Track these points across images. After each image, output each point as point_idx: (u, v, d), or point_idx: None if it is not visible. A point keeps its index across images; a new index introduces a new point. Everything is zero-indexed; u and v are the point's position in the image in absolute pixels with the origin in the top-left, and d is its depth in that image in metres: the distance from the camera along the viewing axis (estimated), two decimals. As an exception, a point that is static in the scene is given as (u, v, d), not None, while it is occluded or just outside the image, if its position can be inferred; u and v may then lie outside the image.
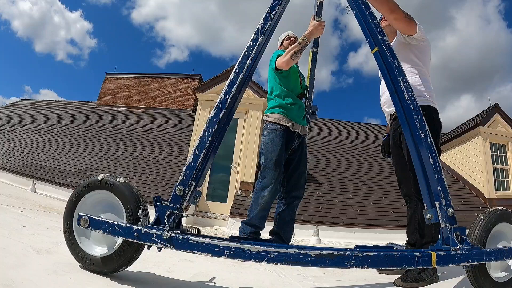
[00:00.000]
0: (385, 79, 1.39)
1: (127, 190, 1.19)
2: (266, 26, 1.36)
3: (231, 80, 1.29)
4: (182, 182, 1.19)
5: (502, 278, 1.34)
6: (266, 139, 2.33)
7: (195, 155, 1.22)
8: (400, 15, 1.71)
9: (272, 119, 2.35)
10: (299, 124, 2.40)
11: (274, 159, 2.24)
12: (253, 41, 1.33)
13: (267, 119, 2.40)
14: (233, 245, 1.05)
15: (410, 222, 1.93)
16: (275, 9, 1.38)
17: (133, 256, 1.17)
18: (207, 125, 1.25)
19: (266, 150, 2.29)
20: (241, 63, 1.31)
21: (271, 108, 2.41)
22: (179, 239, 1.07)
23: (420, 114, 1.31)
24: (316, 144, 10.09)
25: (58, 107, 14.33)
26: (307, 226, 5.41)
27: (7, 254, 1.19)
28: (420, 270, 1.55)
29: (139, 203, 1.18)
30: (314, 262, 1.05)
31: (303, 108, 2.48)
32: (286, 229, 2.33)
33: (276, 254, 1.04)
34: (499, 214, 1.37)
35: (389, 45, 1.37)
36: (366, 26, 1.40)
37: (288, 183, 2.39)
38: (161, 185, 6.45)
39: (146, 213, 1.17)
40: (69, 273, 1.12)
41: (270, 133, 2.32)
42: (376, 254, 1.10)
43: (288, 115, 2.34)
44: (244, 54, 1.32)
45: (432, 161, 1.25)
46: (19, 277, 0.97)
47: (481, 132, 8.29)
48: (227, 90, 1.28)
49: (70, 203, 1.24)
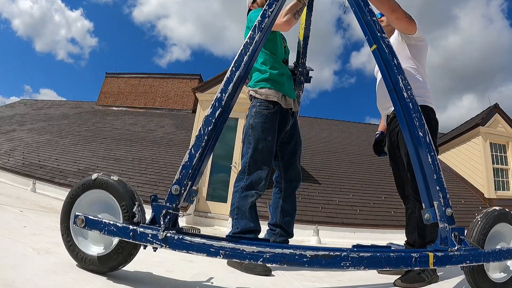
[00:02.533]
0: (384, 77, 1.38)
1: (121, 187, 1.19)
2: (263, 23, 1.33)
3: (228, 78, 1.27)
4: (178, 182, 1.19)
5: (501, 278, 1.33)
6: (256, 122, 1.90)
7: (191, 154, 1.21)
8: (401, 15, 1.71)
9: (261, 95, 1.94)
10: (291, 98, 2.05)
11: (266, 150, 1.88)
12: (250, 39, 1.31)
13: (255, 95, 1.98)
14: (228, 245, 1.05)
15: (408, 222, 1.94)
16: (272, 6, 1.36)
17: (132, 252, 1.17)
18: (203, 124, 1.24)
19: (256, 137, 1.87)
20: (237, 60, 1.29)
21: (259, 82, 1.98)
22: (174, 239, 1.07)
23: (419, 112, 1.30)
24: (316, 144, 10.09)
25: (58, 107, 14.33)
26: (307, 226, 5.41)
27: (7, 254, 1.20)
28: (420, 271, 1.55)
29: (134, 199, 1.18)
30: (309, 263, 1.04)
31: (291, 77, 2.13)
32: (290, 222, 2.09)
33: (272, 254, 1.03)
34: (497, 215, 1.36)
35: (388, 42, 1.36)
36: (365, 23, 1.38)
37: (286, 171, 2.09)
38: (161, 185, 6.45)
39: (141, 209, 1.17)
40: (69, 273, 1.12)
41: (260, 115, 1.91)
42: (373, 255, 1.09)
43: (280, 89, 1.96)
44: (241, 51, 1.30)
45: (430, 160, 1.25)
46: (19, 277, 0.97)
47: (481, 132, 8.29)
48: (223, 88, 1.26)
49: (66, 205, 1.24)
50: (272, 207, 2.14)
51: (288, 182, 2.11)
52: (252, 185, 1.87)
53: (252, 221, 1.86)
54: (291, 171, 2.11)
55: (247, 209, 1.86)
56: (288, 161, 2.11)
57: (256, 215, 1.92)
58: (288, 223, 2.10)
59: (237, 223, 1.87)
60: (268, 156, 1.91)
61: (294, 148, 2.13)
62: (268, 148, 1.90)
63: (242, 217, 1.87)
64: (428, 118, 1.70)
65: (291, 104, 2.04)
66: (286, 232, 2.08)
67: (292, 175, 2.11)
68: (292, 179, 2.12)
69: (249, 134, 1.93)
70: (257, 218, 1.92)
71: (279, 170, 2.13)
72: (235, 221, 1.89)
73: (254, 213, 1.89)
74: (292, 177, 2.11)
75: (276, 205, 2.10)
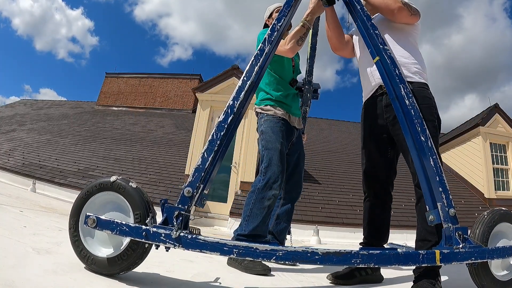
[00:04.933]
0: (386, 86, 1.44)
1: (138, 195, 1.20)
2: (272, 36, 1.43)
3: (239, 87, 1.35)
4: (191, 184, 1.21)
5: (504, 276, 1.36)
6: (265, 128, 1.99)
7: (203, 157, 1.25)
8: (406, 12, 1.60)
9: (268, 111, 2.06)
10: (296, 117, 2.15)
11: (279, 148, 1.92)
12: (260, 51, 1.40)
13: (261, 112, 2.09)
14: (241, 244, 1.09)
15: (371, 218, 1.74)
16: (281, 20, 1.46)
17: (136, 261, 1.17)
18: (216, 129, 1.29)
19: (268, 140, 1.95)
20: (249, 71, 1.37)
21: (263, 100, 2.09)
22: (188, 238, 1.10)
23: (421, 118, 1.34)
24: (316, 144, 10.09)
25: (58, 107, 14.34)
26: (307, 226, 5.41)
27: (7, 254, 1.19)
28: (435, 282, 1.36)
29: (148, 210, 1.19)
30: (321, 260, 1.08)
31: (297, 97, 2.21)
32: (283, 232, 2.13)
33: (284, 252, 1.08)
34: (502, 213, 1.39)
35: (390, 54, 1.42)
36: (368, 36, 1.46)
37: (288, 182, 2.12)
38: (161, 185, 6.45)
39: (154, 221, 1.17)
40: (69, 273, 1.12)
41: (268, 121, 2.01)
42: (382, 252, 1.14)
43: (285, 108, 2.07)
44: (252, 62, 1.39)
45: (433, 163, 1.28)
46: (19, 277, 0.97)
47: (481, 132, 8.29)
48: (235, 96, 1.33)
49: (79, 200, 1.24)
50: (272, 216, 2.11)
51: (287, 192, 2.14)
52: (268, 184, 1.85)
53: (262, 226, 1.83)
54: (292, 183, 2.14)
55: (261, 212, 1.82)
56: (291, 172, 2.14)
57: (268, 222, 1.90)
58: (281, 231, 2.11)
59: (247, 225, 1.83)
60: (281, 155, 1.92)
61: (297, 161, 2.17)
62: (280, 147, 1.93)
63: (254, 220, 1.82)
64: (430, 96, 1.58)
65: (294, 122, 2.13)
66: (277, 239, 2.07)
67: (292, 187, 2.14)
68: (291, 191, 2.15)
69: (261, 139, 2.01)
70: (268, 225, 1.90)
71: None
72: (245, 222, 1.84)
73: (267, 218, 1.86)
74: (292, 188, 2.15)
75: (272, 212, 2.06)
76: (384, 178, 1.70)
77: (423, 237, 1.44)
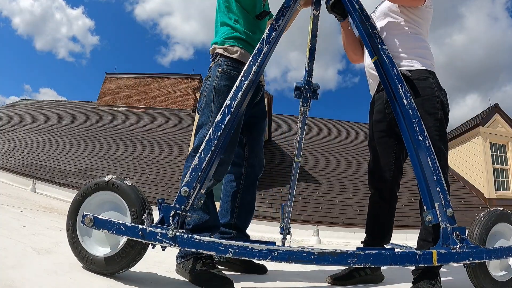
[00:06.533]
0: (384, 86, 1.44)
1: (133, 192, 1.21)
2: (270, 36, 1.41)
3: (237, 87, 1.34)
4: (187, 184, 1.21)
5: (502, 277, 1.35)
6: (221, 85, 1.52)
7: (200, 157, 1.24)
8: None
9: (232, 54, 1.58)
10: None
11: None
12: (258, 51, 1.39)
13: (222, 53, 1.59)
14: (237, 243, 1.09)
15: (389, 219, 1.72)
16: (279, 20, 1.44)
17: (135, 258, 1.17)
18: (213, 129, 1.28)
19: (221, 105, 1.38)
20: (246, 70, 1.36)
21: (230, 39, 1.61)
22: (183, 237, 1.10)
23: (419, 118, 1.34)
24: (316, 144, 10.09)
25: (58, 107, 14.34)
26: (307, 226, 5.42)
27: (7, 254, 1.19)
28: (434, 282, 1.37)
29: (144, 207, 1.20)
30: (317, 260, 1.08)
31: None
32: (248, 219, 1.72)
33: (280, 252, 1.08)
34: (499, 214, 1.38)
35: (388, 53, 1.42)
36: (366, 36, 1.46)
37: (252, 152, 1.72)
38: (161, 185, 6.45)
39: (150, 217, 1.18)
40: (69, 273, 1.12)
41: (228, 77, 1.54)
42: (378, 252, 1.14)
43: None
44: (250, 62, 1.37)
45: (430, 163, 1.28)
46: (19, 277, 0.97)
47: (481, 132, 8.30)
48: (232, 96, 1.33)
49: (75, 202, 1.25)
50: (224, 200, 1.72)
51: (251, 166, 1.73)
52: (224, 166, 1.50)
53: (207, 212, 1.46)
54: (255, 151, 1.74)
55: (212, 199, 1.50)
56: (255, 137, 1.75)
57: (214, 206, 1.53)
58: (245, 220, 1.71)
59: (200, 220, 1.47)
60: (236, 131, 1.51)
61: (263, 126, 1.79)
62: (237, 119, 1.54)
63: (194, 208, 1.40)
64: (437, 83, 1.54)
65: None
66: (243, 233, 1.70)
67: (255, 157, 1.74)
68: (255, 164, 1.74)
69: (210, 99, 1.53)
70: (214, 209, 1.53)
71: (242, 149, 1.73)
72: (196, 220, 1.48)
73: (210, 202, 1.49)
74: (255, 161, 1.74)
75: (232, 197, 1.69)
76: (389, 177, 1.66)
77: (424, 237, 1.44)
